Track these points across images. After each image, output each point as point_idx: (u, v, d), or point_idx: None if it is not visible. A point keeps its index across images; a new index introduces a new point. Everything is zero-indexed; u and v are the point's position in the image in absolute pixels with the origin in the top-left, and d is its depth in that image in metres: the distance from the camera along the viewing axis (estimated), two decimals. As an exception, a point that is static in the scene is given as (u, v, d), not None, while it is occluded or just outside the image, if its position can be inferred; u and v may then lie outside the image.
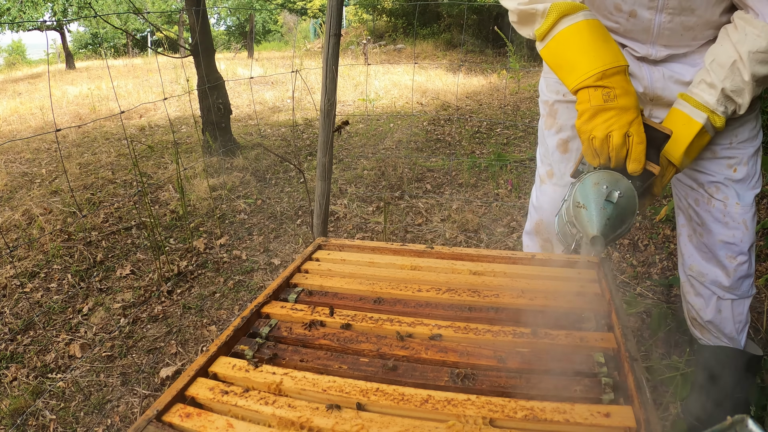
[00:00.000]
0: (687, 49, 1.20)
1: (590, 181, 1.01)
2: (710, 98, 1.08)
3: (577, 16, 1.04)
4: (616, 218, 0.98)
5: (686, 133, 1.09)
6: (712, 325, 1.39)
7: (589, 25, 1.03)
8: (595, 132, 1.01)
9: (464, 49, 11.58)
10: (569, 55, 1.03)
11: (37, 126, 6.66)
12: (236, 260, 2.92)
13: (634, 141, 0.99)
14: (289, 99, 7.37)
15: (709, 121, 1.09)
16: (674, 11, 1.13)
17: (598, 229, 0.98)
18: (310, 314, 1.00)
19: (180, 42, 5.79)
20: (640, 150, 0.99)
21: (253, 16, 18.59)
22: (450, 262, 1.20)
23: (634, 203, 1.00)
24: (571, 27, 1.03)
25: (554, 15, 1.05)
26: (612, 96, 0.99)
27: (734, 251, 1.31)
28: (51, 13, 15.70)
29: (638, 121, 1.00)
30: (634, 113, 1.00)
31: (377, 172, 4.14)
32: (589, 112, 1.01)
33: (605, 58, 1.00)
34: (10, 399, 1.94)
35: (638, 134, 0.99)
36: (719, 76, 1.06)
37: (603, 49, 1.01)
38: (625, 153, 1.01)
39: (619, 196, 0.98)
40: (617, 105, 0.99)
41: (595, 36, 1.02)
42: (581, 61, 1.01)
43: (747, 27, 1.03)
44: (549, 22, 1.05)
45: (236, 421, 0.74)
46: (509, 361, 0.84)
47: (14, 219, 3.60)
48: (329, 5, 1.84)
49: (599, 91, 1.00)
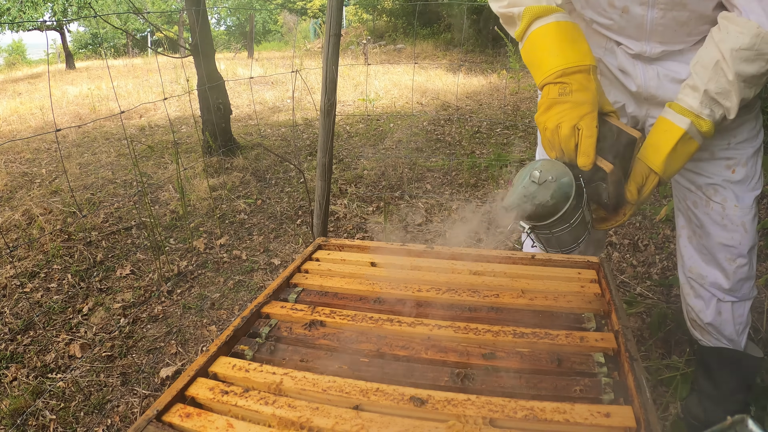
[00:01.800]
0: (682, 45, 1.19)
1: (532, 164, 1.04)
2: (693, 101, 1.05)
3: (548, 18, 1.06)
4: (535, 198, 0.99)
5: (667, 140, 1.07)
6: (712, 327, 1.39)
7: (558, 27, 1.05)
8: (547, 123, 1.03)
9: (464, 49, 11.58)
10: (538, 54, 1.07)
11: (37, 126, 6.65)
12: (236, 260, 2.92)
13: (583, 134, 0.99)
14: (289, 99, 7.37)
15: (693, 126, 1.05)
16: (666, 6, 1.12)
17: (509, 201, 1.01)
18: (310, 314, 1.00)
19: (180, 42, 5.79)
20: (588, 144, 0.99)
21: (253, 16, 18.59)
22: (450, 262, 1.20)
23: (566, 192, 0.99)
24: (541, 28, 1.07)
25: (527, 18, 1.08)
26: (567, 91, 1.01)
27: (733, 254, 1.30)
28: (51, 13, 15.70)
29: (591, 116, 1.00)
30: (587, 108, 1.00)
31: (377, 172, 4.13)
32: (545, 104, 1.04)
33: (568, 57, 1.02)
34: (10, 399, 1.94)
35: (588, 128, 0.99)
36: (702, 78, 1.04)
37: (568, 49, 1.03)
38: (574, 145, 1.01)
39: (549, 180, 0.99)
40: (571, 99, 1.01)
41: (562, 37, 1.04)
42: (546, 59, 1.04)
43: (729, 25, 1.01)
44: (523, 24, 1.09)
45: (236, 421, 0.74)
46: (509, 361, 0.84)
47: (14, 219, 3.60)
48: (329, 5, 1.84)
49: (557, 87, 1.03)
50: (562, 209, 1.00)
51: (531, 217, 1.03)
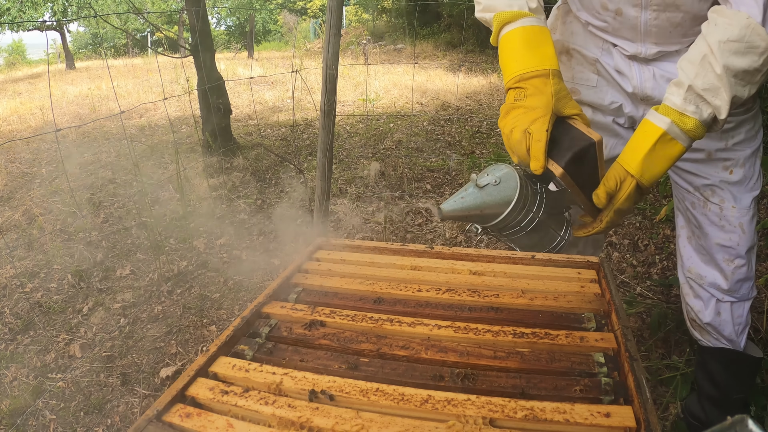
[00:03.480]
0: (678, 46, 1.18)
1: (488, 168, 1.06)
2: (677, 98, 0.98)
3: (515, 23, 1.07)
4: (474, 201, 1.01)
5: (644, 140, 1.00)
6: (712, 327, 1.39)
7: (523, 32, 1.06)
8: (503, 129, 1.05)
9: (464, 49, 11.58)
10: (504, 59, 1.09)
11: (37, 126, 6.65)
12: (236, 260, 2.92)
13: (532, 138, 0.99)
14: (289, 99, 7.37)
15: (675, 126, 0.98)
16: (659, 8, 1.12)
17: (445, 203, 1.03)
18: (310, 314, 1.00)
19: (180, 42, 5.79)
20: (537, 148, 0.99)
21: (253, 16, 18.59)
22: (450, 262, 1.20)
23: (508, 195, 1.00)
24: (508, 34, 1.08)
25: (496, 24, 1.10)
26: (522, 95, 1.03)
27: (731, 254, 1.30)
28: (51, 13, 15.70)
29: (542, 120, 0.99)
30: (539, 112, 1.00)
31: (377, 172, 4.13)
32: (504, 110, 1.06)
33: (527, 62, 1.03)
34: (10, 399, 1.94)
35: (537, 132, 0.99)
36: (688, 73, 0.98)
37: (528, 55, 1.04)
38: (526, 150, 1.01)
39: (491, 184, 1.01)
40: (524, 104, 1.02)
41: (524, 42, 1.05)
42: (509, 65, 1.06)
43: (718, 18, 0.98)
44: (494, 30, 1.11)
45: (236, 421, 0.74)
46: (509, 361, 0.84)
47: (14, 219, 3.60)
48: (329, 5, 1.84)
49: (514, 92, 1.05)
50: (503, 213, 1.01)
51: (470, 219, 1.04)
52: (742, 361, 1.41)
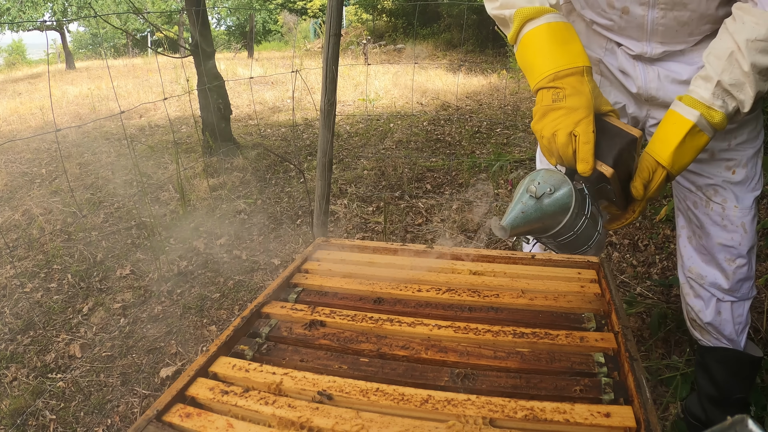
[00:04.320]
0: (684, 45, 1.18)
1: (531, 175, 1.02)
2: (705, 92, 1.02)
3: (539, 20, 1.04)
4: (535, 213, 0.97)
5: (675, 132, 1.03)
6: (712, 327, 1.39)
7: (549, 29, 1.03)
8: (543, 131, 1.02)
9: (464, 49, 11.58)
10: (530, 58, 1.05)
11: (37, 126, 6.66)
12: (236, 260, 2.92)
13: (580, 140, 0.98)
14: (289, 99, 7.37)
15: (703, 118, 1.02)
16: (666, 6, 1.12)
17: (506, 220, 0.97)
18: (310, 314, 1.00)
19: (180, 42, 5.79)
20: (586, 150, 0.97)
21: (253, 16, 18.59)
22: (450, 262, 1.20)
23: (566, 203, 0.97)
24: (532, 31, 1.04)
25: (518, 20, 1.06)
26: (561, 96, 0.99)
27: (733, 254, 1.30)
28: (51, 13, 15.70)
29: (587, 121, 0.98)
30: (582, 113, 0.98)
31: (377, 172, 4.14)
32: (540, 111, 1.03)
33: (559, 60, 1.00)
34: (10, 399, 1.94)
35: (584, 134, 0.97)
36: (716, 68, 1.01)
37: (559, 52, 1.01)
38: (572, 153, 0.99)
39: (547, 193, 0.96)
40: (565, 105, 0.99)
41: (553, 38, 1.02)
42: (538, 63, 1.03)
43: (745, 16, 1.00)
44: (515, 27, 1.07)
45: (236, 421, 0.74)
46: (509, 361, 0.84)
47: (14, 219, 3.60)
48: (329, 5, 1.84)
49: (550, 92, 1.01)
50: (563, 221, 0.98)
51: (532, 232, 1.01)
52: (743, 361, 1.41)
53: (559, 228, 0.99)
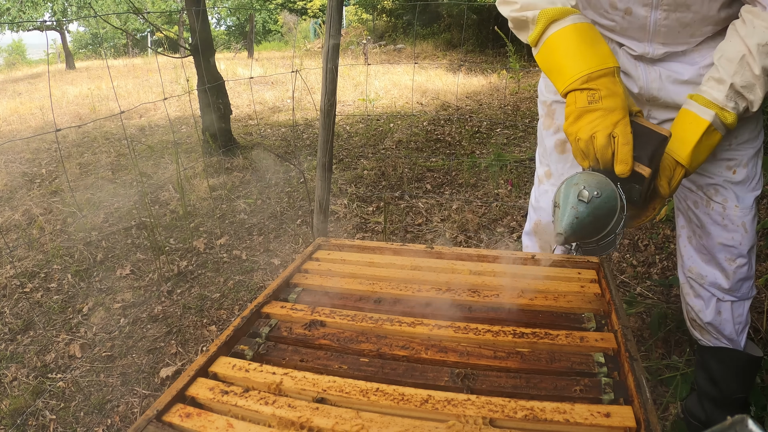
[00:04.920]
0: (685, 46, 1.18)
1: (570, 180, 1.01)
2: (719, 94, 1.05)
3: (565, 21, 1.04)
4: (587, 218, 0.96)
5: (693, 132, 1.07)
6: (712, 327, 1.39)
7: (576, 29, 1.03)
8: (579, 133, 1.01)
9: (464, 49, 11.58)
10: (558, 59, 1.04)
11: (37, 126, 6.66)
12: (236, 260, 2.92)
13: (619, 142, 0.98)
14: (289, 99, 7.37)
15: (717, 119, 1.06)
16: (669, 8, 1.12)
17: (563, 227, 0.97)
18: (310, 314, 1.00)
19: (180, 42, 5.79)
20: (626, 151, 0.98)
21: (253, 16, 18.59)
22: (450, 262, 1.20)
23: (613, 205, 0.98)
24: (559, 32, 1.04)
25: (543, 22, 1.05)
26: (597, 97, 0.99)
27: (733, 254, 1.30)
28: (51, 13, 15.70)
29: (624, 122, 0.99)
30: (619, 114, 0.99)
31: (377, 172, 4.14)
32: (574, 113, 1.02)
33: (591, 61, 1.00)
34: (10, 399, 1.94)
35: (623, 135, 0.98)
36: (728, 71, 1.04)
37: (589, 53, 1.01)
38: (611, 154, 0.99)
39: (595, 197, 0.96)
40: (602, 106, 0.99)
41: (581, 40, 1.02)
42: (568, 65, 1.02)
43: (755, 20, 1.02)
44: (539, 28, 1.06)
45: (236, 421, 0.74)
46: (509, 361, 0.84)
47: (14, 219, 3.60)
48: (329, 5, 1.84)
49: (584, 94, 1.00)
50: (610, 223, 0.99)
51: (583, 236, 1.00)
52: (742, 361, 1.41)
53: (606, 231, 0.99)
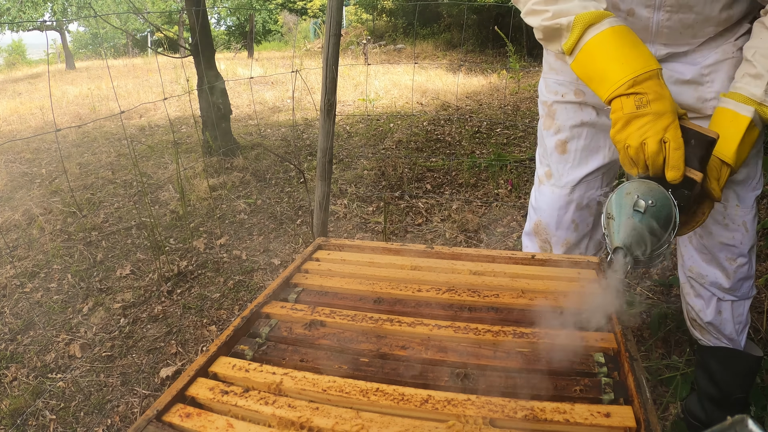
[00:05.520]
0: (687, 47, 1.19)
1: (622, 190, 0.97)
2: (757, 90, 1.04)
3: (602, 24, 0.99)
4: (646, 228, 0.92)
5: (736, 130, 1.04)
6: (712, 326, 1.39)
7: (615, 32, 0.98)
8: (629, 140, 0.96)
9: (464, 49, 11.58)
10: (598, 65, 0.99)
11: (37, 126, 6.66)
12: (236, 260, 2.92)
13: (670, 147, 0.93)
14: (289, 99, 7.37)
15: (757, 114, 1.04)
16: (672, 9, 1.12)
17: (621, 239, 0.93)
18: (310, 314, 1.00)
19: (180, 42, 5.79)
20: (678, 156, 0.92)
21: (253, 16, 18.58)
22: (450, 262, 1.20)
23: (669, 213, 0.93)
24: (597, 37, 0.99)
25: (579, 27, 1.00)
26: (645, 102, 0.94)
27: (734, 253, 1.30)
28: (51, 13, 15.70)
29: (675, 125, 0.94)
30: (669, 118, 0.94)
31: (377, 172, 4.14)
32: (622, 120, 0.97)
33: (635, 64, 0.95)
34: (10, 399, 1.94)
35: (675, 140, 0.93)
36: (765, 66, 1.03)
37: (632, 56, 0.96)
38: (662, 160, 0.94)
39: (649, 206, 0.92)
40: (651, 110, 0.94)
41: (622, 43, 0.98)
42: (610, 70, 0.97)
43: None
44: (575, 35, 1.01)
45: (236, 421, 0.74)
46: (509, 361, 0.84)
47: (14, 219, 3.60)
48: (329, 5, 1.84)
49: (631, 99, 0.95)
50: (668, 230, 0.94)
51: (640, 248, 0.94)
52: (743, 360, 1.41)
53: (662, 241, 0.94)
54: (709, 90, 1.20)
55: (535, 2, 1.06)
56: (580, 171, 1.37)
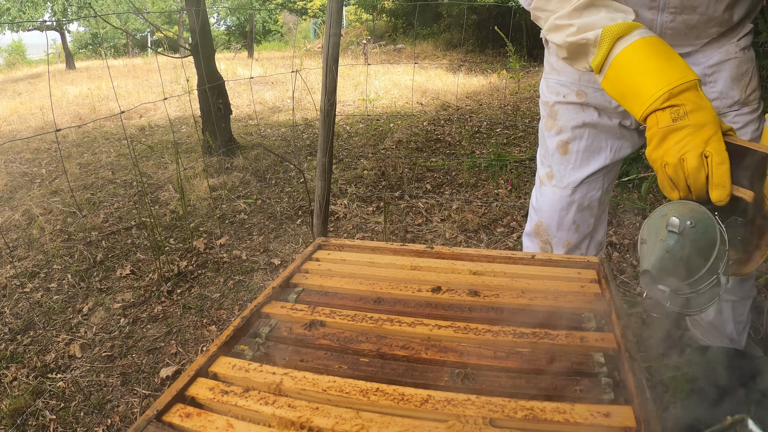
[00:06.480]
0: (690, 48, 1.18)
1: (659, 212, 0.87)
2: None
3: (632, 36, 0.90)
4: (680, 252, 0.82)
5: None
6: (713, 326, 1.39)
7: (647, 44, 0.89)
8: (666, 157, 0.86)
9: (464, 49, 11.58)
10: (630, 81, 0.90)
11: (37, 126, 6.66)
12: (236, 260, 2.92)
13: (713, 162, 0.82)
14: (289, 99, 7.37)
15: None
16: (676, 10, 1.12)
17: (650, 262, 0.84)
18: (310, 314, 0.99)
19: (180, 42, 5.79)
20: (722, 172, 0.81)
21: (253, 16, 18.59)
22: (450, 262, 1.20)
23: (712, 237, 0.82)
24: (627, 49, 0.90)
25: (608, 41, 0.91)
26: (682, 113, 0.84)
27: None
28: (51, 13, 15.71)
29: (717, 137, 0.83)
30: (711, 129, 0.83)
31: (377, 172, 4.14)
32: (657, 136, 0.86)
33: (670, 75, 0.86)
34: (10, 399, 1.94)
35: (718, 153, 0.82)
36: None
37: (666, 67, 0.87)
38: (705, 177, 0.83)
39: (688, 226, 0.81)
40: (690, 122, 0.83)
41: (656, 54, 0.88)
42: (644, 84, 0.88)
43: None
44: (604, 50, 0.92)
45: (236, 421, 0.74)
46: (509, 361, 0.84)
47: (14, 219, 3.60)
48: (329, 5, 1.84)
49: (667, 112, 0.85)
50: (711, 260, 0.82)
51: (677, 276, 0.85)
52: (743, 361, 1.42)
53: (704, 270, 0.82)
54: (711, 90, 1.20)
55: (558, 17, 0.98)
56: (581, 172, 1.37)
